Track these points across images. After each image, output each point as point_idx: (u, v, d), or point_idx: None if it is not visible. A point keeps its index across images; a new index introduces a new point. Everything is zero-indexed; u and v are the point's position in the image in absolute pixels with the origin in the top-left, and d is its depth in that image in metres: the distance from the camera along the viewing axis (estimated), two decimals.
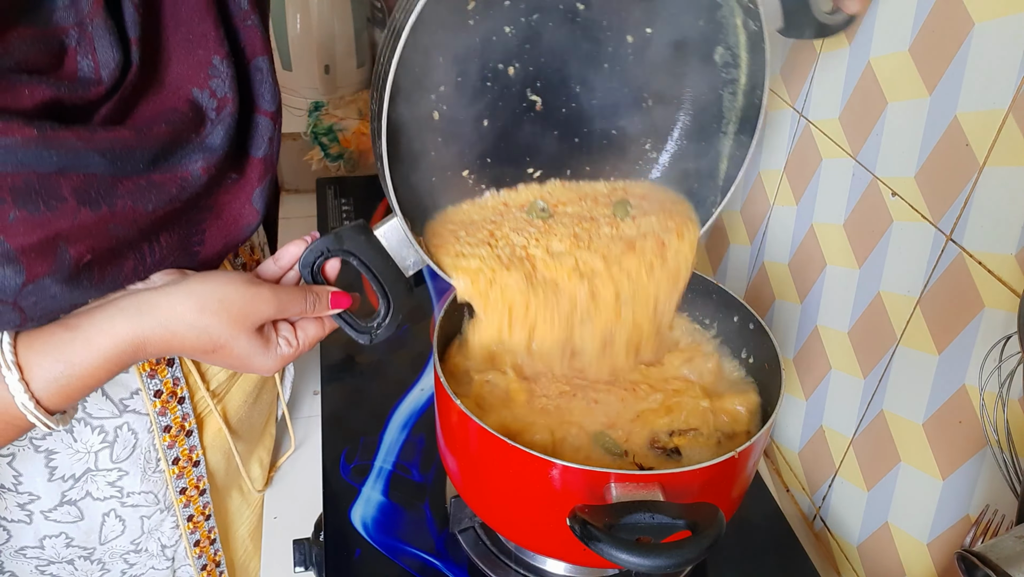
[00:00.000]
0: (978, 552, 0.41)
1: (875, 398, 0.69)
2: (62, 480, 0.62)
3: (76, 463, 0.62)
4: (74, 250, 0.47)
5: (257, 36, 0.57)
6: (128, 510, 0.68)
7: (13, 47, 0.44)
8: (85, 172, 0.46)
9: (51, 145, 0.44)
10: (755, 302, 0.89)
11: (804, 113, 0.79)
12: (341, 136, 1.37)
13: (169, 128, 0.50)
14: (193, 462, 0.69)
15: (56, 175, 0.45)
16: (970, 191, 0.57)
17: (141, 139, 0.49)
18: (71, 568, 0.69)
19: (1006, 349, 0.50)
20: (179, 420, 0.65)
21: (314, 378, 0.93)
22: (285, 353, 0.56)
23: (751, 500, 0.73)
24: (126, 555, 0.71)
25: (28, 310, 0.46)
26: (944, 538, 0.62)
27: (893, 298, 0.66)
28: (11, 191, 0.44)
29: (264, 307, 0.53)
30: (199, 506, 0.72)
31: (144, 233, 0.52)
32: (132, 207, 0.49)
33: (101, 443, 0.62)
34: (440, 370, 0.60)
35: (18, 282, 0.45)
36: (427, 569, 0.69)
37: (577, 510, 0.50)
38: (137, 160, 0.49)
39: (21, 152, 0.43)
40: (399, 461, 0.80)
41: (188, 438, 0.67)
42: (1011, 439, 0.50)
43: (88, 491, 0.64)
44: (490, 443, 0.55)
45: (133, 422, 0.63)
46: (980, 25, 0.55)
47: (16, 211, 0.44)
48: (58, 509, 0.64)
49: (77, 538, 0.67)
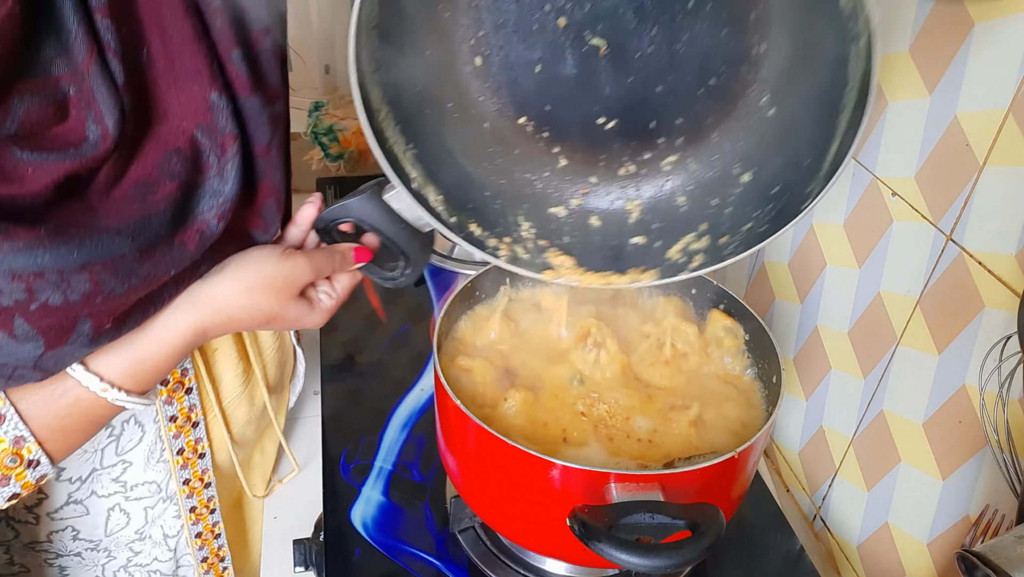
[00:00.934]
0: (978, 552, 0.41)
1: (875, 398, 0.69)
2: (69, 482, 0.63)
3: (84, 464, 0.63)
4: (95, 323, 0.47)
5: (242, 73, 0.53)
6: (132, 504, 0.68)
7: (14, 107, 0.42)
8: (111, 258, 0.46)
9: (70, 241, 0.43)
10: (755, 302, 0.89)
11: None
12: (341, 136, 1.37)
13: (176, 179, 0.49)
14: (199, 454, 0.70)
15: (81, 268, 0.45)
16: (970, 191, 0.57)
17: (149, 203, 0.48)
18: (79, 559, 0.70)
19: (1006, 349, 0.50)
20: (185, 411, 0.66)
21: (314, 378, 0.93)
22: (328, 306, 0.61)
23: (751, 500, 0.73)
24: (131, 544, 0.71)
25: (50, 369, 0.47)
26: (944, 538, 0.62)
27: (893, 298, 0.66)
28: (32, 289, 0.43)
29: (302, 274, 0.57)
30: (203, 499, 0.73)
31: (162, 290, 0.52)
32: (154, 276, 0.49)
33: (108, 438, 0.63)
34: (440, 370, 0.60)
35: (37, 353, 0.46)
36: (427, 569, 0.69)
37: (577, 510, 0.50)
38: (157, 226, 0.48)
39: (35, 253, 0.42)
40: (399, 461, 0.80)
41: (194, 429, 0.68)
42: (1011, 439, 0.50)
43: (93, 490, 0.65)
44: (490, 443, 0.55)
45: (140, 414, 0.64)
46: (980, 25, 0.55)
47: (37, 304, 0.44)
48: (64, 508, 0.65)
49: (83, 532, 0.68)
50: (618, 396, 0.66)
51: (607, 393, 0.66)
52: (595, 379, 0.67)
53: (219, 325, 0.54)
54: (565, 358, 0.69)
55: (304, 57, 1.50)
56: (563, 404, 0.65)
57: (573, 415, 0.64)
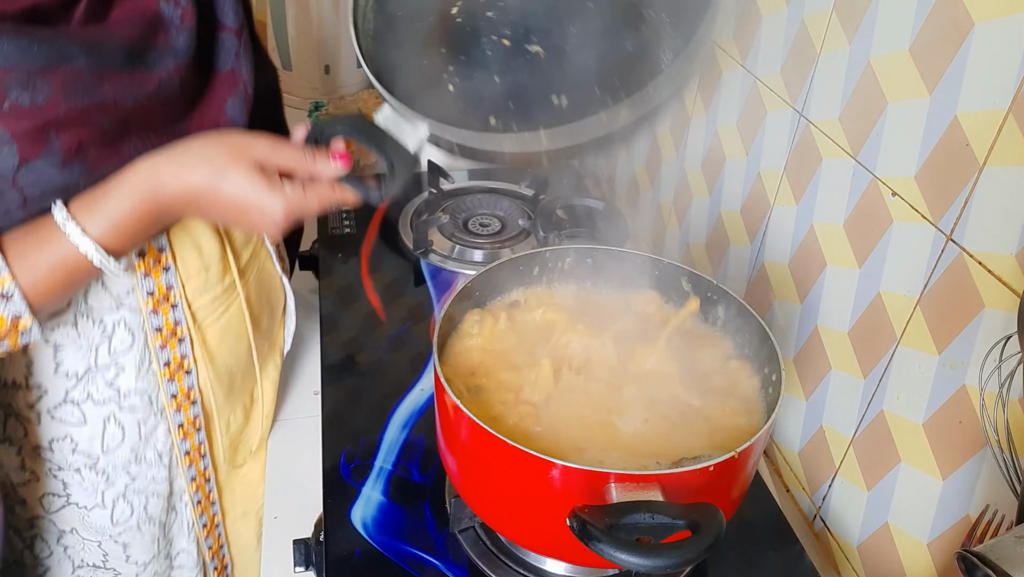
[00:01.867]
0: (978, 552, 0.41)
1: (875, 398, 0.69)
2: (66, 376, 0.68)
3: (79, 360, 0.68)
4: (64, 138, 0.54)
5: None
6: (126, 415, 0.73)
7: None
8: (70, 67, 0.53)
9: (33, 38, 0.50)
10: (755, 302, 0.89)
11: (804, 113, 0.79)
12: None
13: (137, 28, 0.57)
14: (185, 370, 0.73)
15: (43, 70, 0.51)
16: (970, 191, 0.57)
17: (113, 34, 0.56)
18: (79, 477, 0.74)
19: (1006, 349, 0.50)
20: (171, 324, 0.71)
21: (314, 378, 0.93)
22: (291, 199, 0.59)
23: (751, 500, 0.73)
24: (127, 466, 0.75)
25: (27, 190, 0.53)
26: (944, 538, 0.62)
27: (893, 298, 0.66)
28: (3, 85, 0.50)
29: (260, 143, 0.60)
30: (189, 416, 0.77)
31: (130, 127, 0.58)
32: (115, 101, 0.56)
33: (101, 336, 0.68)
34: (440, 370, 0.60)
35: (13, 163, 0.52)
36: (427, 569, 0.69)
37: (577, 510, 0.50)
38: (114, 55, 0.56)
39: (5, 45, 0.49)
40: (399, 461, 0.80)
41: (180, 345, 0.72)
42: (1011, 439, 0.50)
43: (89, 392, 0.70)
44: (490, 443, 0.55)
45: (129, 319, 0.69)
46: (980, 25, 0.55)
47: (7, 103, 0.51)
48: (62, 407, 0.70)
49: (81, 444, 0.72)
50: (617, 395, 0.66)
51: (606, 393, 0.66)
52: (594, 379, 0.67)
53: (171, 172, 0.58)
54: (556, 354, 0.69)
55: (304, 57, 1.50)
56: (560, 402, 0.65)
57: (570, 415, 0.64)
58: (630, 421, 0.64)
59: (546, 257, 0.77)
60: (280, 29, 1.48)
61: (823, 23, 0.74)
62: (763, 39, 0.86)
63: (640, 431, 0.63)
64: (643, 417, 0.64)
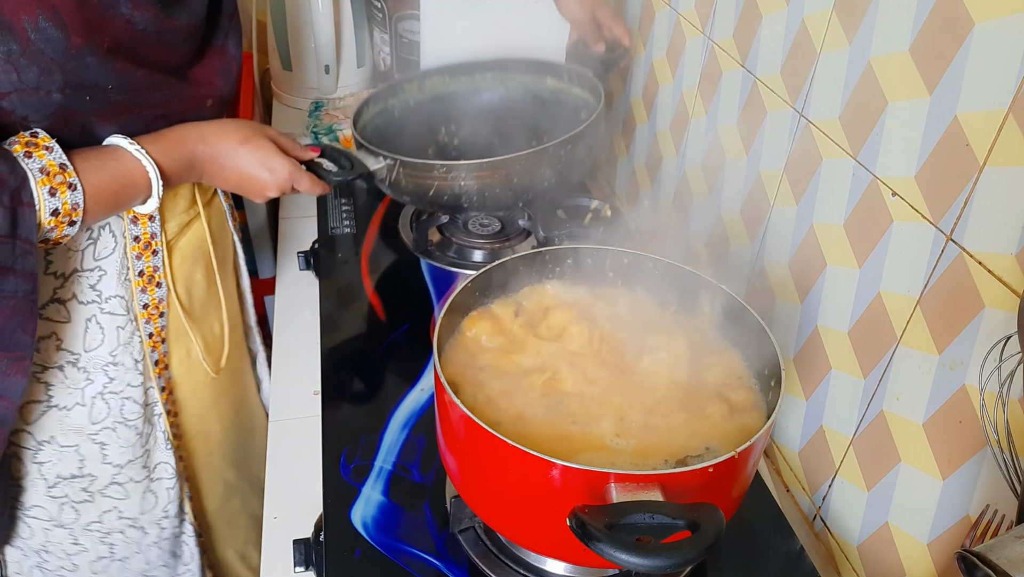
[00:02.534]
0: (978, 552, 0.41)
1: (875, 398, 0.69)
2: (54, 277, 0.75)
3: (67, 262, 0.75)
4: (100, 38, 0.63)
5: None
6: (106, 318, 0.80)
7: None
8: None
9: None
10: (755, 302, 0.89)
11: (804, 113, 0.79)
12: (341, 136, 1.37)
13: None
14: (155, 283, 0.83)
15: None
16: (970, 191, 0.57)
17: None
18: (61, 375, 0.80)
19: (1006, 349, 0.50)
20: (147, 236, 0.80)
21: (314, 378, 0.93)
22: (291, 166, 0.81)
23: (751, 500, 0.73)
24: (106, 367, 0.82)
25: (68, 75, 0.62)
26: (944, 538, 0.62)
27: (893, 298, 0.66)
28: None
29: (271, 128, 0.82)
30: (157, 327, 0.85)
31: (151, 49, 0.69)
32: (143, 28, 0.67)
33: (87, 241, 0.76)
34: (440, 370, 0.60)
35: (64, 45, 0.61)
36: (427, 569, 0.69)
37: (577, 510, 0.50)
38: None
39: None
40: (399, 461, 0.80)
41: (154, 257, 0.82)
42: (1011, 439, 0.50)
43: (74, 293, 0.77)
44: (490, 443, 0.55)
45: (113, 224, 0.77)
46: (980, 25, 0.55)
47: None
48: (49, 306, 0.76)
49: (65, 341, 0.78)
50: (617, 395, 0.66)
51: (606, 392, 0.66)
52: (594, 378, 0.67)
53: (214, 132, 0.76)
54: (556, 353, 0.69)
55: (304, 57, 1.50)
56: (557, 405, 0.65)
57: (571, 415, 0.64)
58: (630, 421, 0.64)
59: (546, 257, 0.77)
60: (280, 29, 1.48)
61: (823, 23, 0.74)
62: (763, 39, 0.86)
63: (640, 431, 0.63)
64: (643, 417, 0.64)
